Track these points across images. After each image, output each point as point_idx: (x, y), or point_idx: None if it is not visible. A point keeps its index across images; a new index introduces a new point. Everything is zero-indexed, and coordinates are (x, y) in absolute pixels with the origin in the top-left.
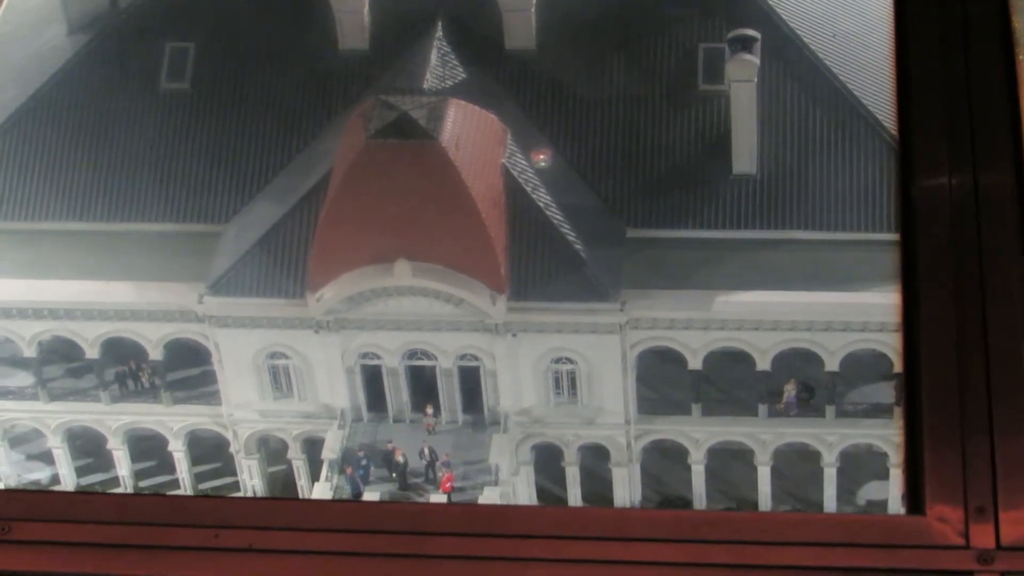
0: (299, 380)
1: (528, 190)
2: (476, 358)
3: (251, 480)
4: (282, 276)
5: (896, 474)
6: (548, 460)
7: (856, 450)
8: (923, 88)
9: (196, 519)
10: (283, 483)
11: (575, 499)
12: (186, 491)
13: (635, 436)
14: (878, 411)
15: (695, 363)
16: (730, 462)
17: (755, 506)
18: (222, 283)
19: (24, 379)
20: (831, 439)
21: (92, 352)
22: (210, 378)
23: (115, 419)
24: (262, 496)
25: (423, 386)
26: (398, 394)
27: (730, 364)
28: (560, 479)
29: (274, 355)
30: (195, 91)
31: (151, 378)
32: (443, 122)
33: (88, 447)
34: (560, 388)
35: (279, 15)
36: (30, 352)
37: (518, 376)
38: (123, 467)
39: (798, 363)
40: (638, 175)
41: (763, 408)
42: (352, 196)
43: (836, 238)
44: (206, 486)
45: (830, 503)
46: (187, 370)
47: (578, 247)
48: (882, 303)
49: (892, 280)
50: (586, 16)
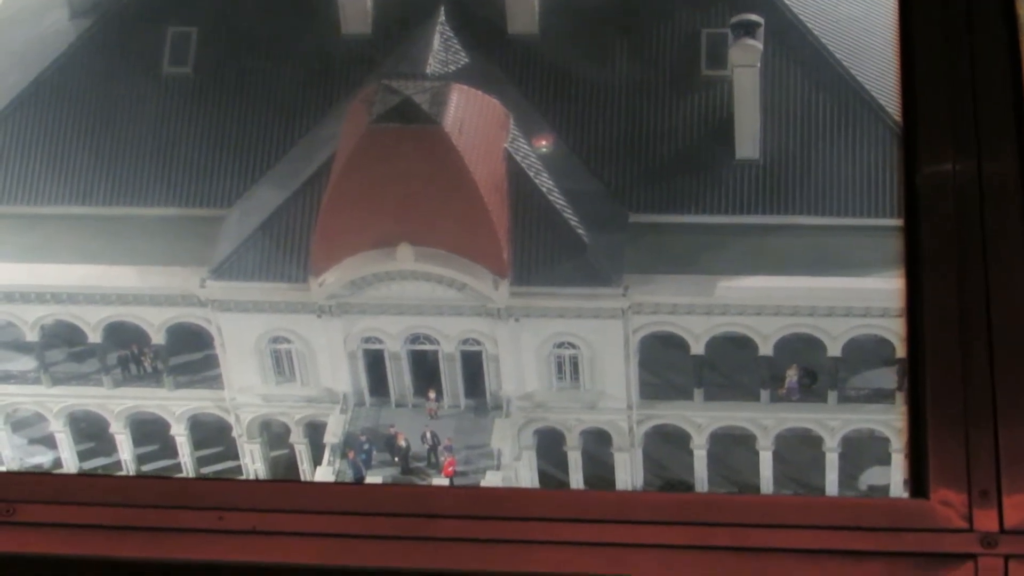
0: (301, 364)
1: (531, 175)
2: (478, 343)
3: (253, 464)
4: (284, 260)
5: (898, 459)
6: (550, 445)
7: (858, 435)
8: (927, 74)
9: (200, 501)
10: (285, 467)
11: (577, 483)
12: (188, 475)
13: (637, 421)
14: (880, 396)
15: (697, 348)
16: (732, 447)
17: (757, 491)
18: (224, 267)
19: (26, 363)
20: (833, 424)
21: (94, 336)
22: (212, 362)
23: (117, 403)
24: (266, 479)
25: (425, 371)
26: (400, 378)
27: (732, 349)
28: (562, 464)
29: (276, 339)
30: (197, 76)
31: (153, 362)
32: (446, 107)
33: (90, 431)
34: (562, 373)
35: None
36: (32, 336)
37: (520, 361)
38: (125, 451)
39: (800, 348)
40: (641, 160)
41: (765, 393)
42: (355, 181)
43: (839, 223)
44: (208, 470)
45: (832, 488)
46: (189, 354)
47: (581, 232)
48: (884, 288)
49: (894, 265)
50: (589, 1)
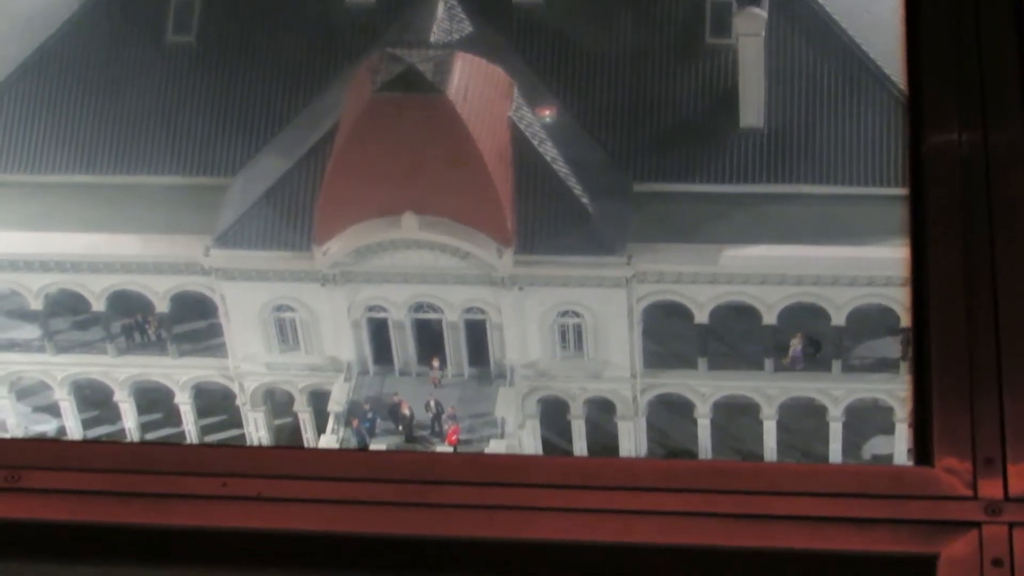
0: (305, 333)
1: (535, 144)
2: (482, 311)
3: (257, 432)
4: (288, 229)
5: (902, 428)
6: (554, 413)
7: (862, 404)
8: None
9: (204, 468)
10: (289, 436)
11: (581, 452)
12: (192, 443)
13: (641, 390)
14: (884, 366)
15: (701, 317)
16: (736, 416)
17: (761, 460)
18: (228, 236)
19: (31, 331)
20: (837, 393)
21: (98, 304)
22: (216, 331)
23: (121, 371)
24: (271, 445)
25: (429, 339)
26: (404, 347)
27: (736, 318)
28: (566, 432)
29: (280, 308)
30: (201, 44)
31: (157, 330)
32: (450, 75)
33: (94, 399)
34: (566, 341)
35: None
36: (37, 305)
37: (524, 329)
38: (129, 419)
39: (804, 317)
40: (645, 129)
41: (769, 362)
42: (359, 149)
43: (843, 192)
44: (212, 438)
45: (835, 457)
46: (193, 323)
47: (584, 201)
48: (888, 257)
49: (898, 235)
50: None
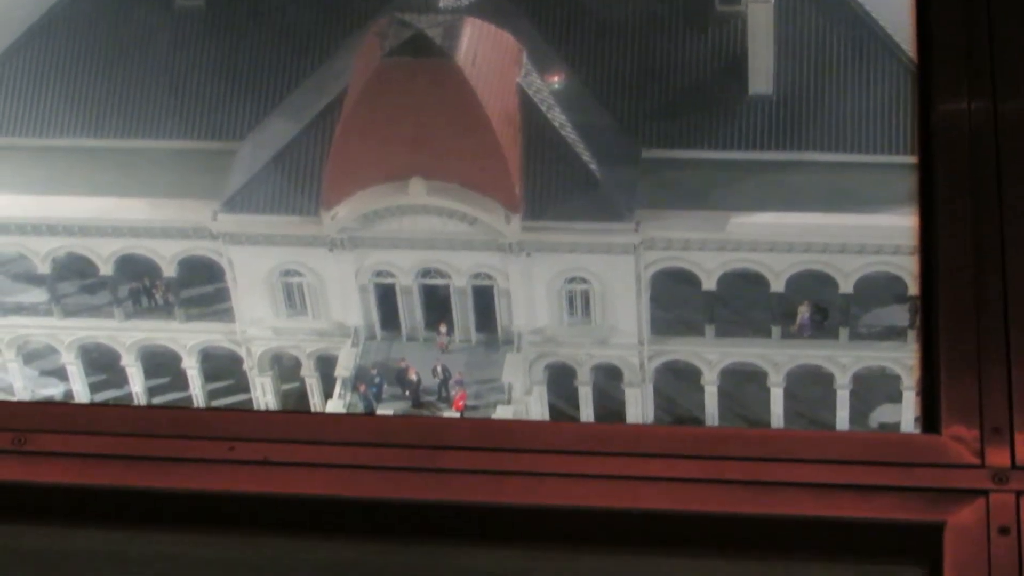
0: (313, 298)
1: (543, 109)
2: (490, 277)
3: (264, 397)
4: (296, 194)
5: (909, 397)
6: (561, 380)
7: (869, 372)
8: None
9: (211, 432)
10: (296, 400)
11: (587, 419)
12: (199, 407)
13: (648, 356)
14: (892, 334)
15: (709, 284)
16: (743, 383)
17: (768, 427)
18: (236, 200)
19: (38, 295)
20: (844, 361)
21: (106, 269)
22: (224, 295)
23: (129, 335)
24: (277, 410)
25: (436, 305)
26: (411, 312)
27: (744, 285)
28: (573, 399)
29: (288, 272)
30: (209, 8)
31: (165, 295)
32: (459, 40)
33: (101, 363)
34: (574, 308)
35: None
36: (44, 268)
37: (532, 295)
38: (136, 383)
39: (812, 285)
40: (654, 95)
41: (777, 330)
42: (367, 114)
43: (852, 160)
44: (219, 403)
45: (843, 425)
46: (201, 287)
47: (593, 167)
48: (897, 225)
49: (907, 203)
50: None
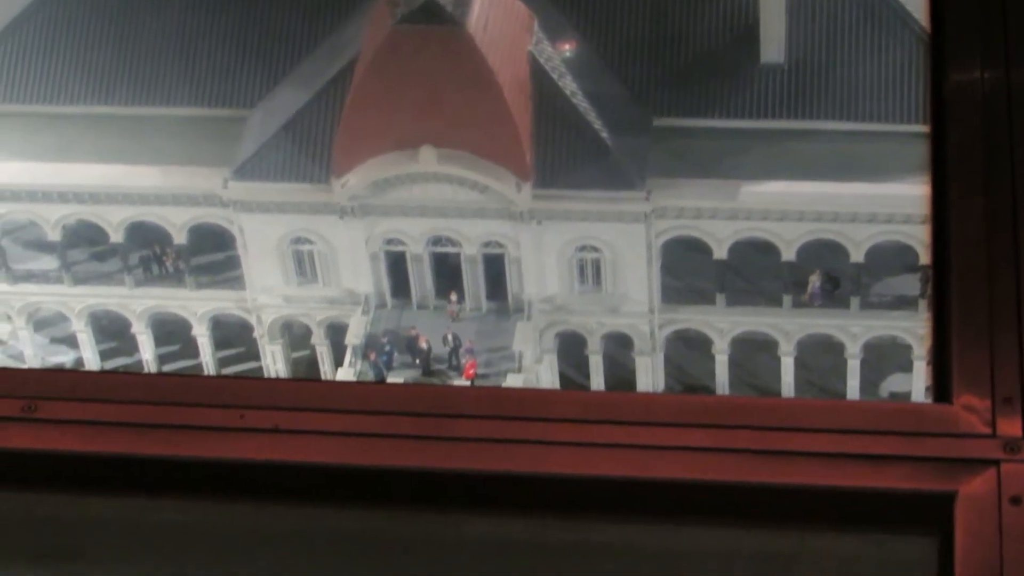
0: (323, 265)
1: (554, 77)
2: (501, 245)
3: (274, 365)
4: (307, 161)
5: (920, 366)
6: (571, 348)
7: (880, 342)
8: None
9: (221, 400)
10: (306, 368)
11: (598, 387)
12: (210, 375)
13: (659, 325)
14: (903, 303)
15: (720, 253)
16: (754, 352)
17: (778, 396)
18: (247, 168)
19: (48, 262)
20: (855, 330)
21: (116, 236)
22: (234, 263)
23: (139, 303)
24: (288, 377)
25: (447, 273)
26: (422, 280)
27: (755, 254)
28: (583, 367)
29: (298, 240)
30: None
31: (175, 262)
32: (470, 8)
33: (112, 330)
34: (584, 276)
35: None
36: (54, 235)
37: (542, 264)
38: (147, 351)
39: (823, 254)
40: (665, 63)
41: (788, 299)
42: (378, 81)
43: (863, 129)
44: (229, 371)
45: (853, 394)
46: (211, 255)
47: (604, 135)
48: (908, 195)
49: (918, 172)
50: None
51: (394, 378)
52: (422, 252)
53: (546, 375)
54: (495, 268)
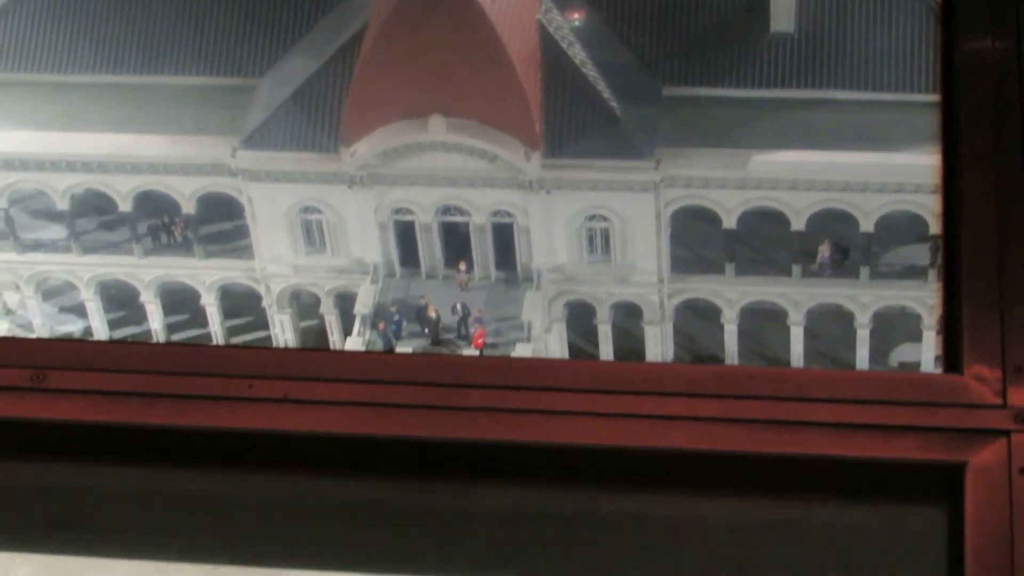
0: (332, 235)
1: (563, 47)
2: (510, 214)
3: (283, 334)
4: (316, 130)
5: (929, 336)
6: (580, 317)
7: (889, 311)
8: None
9: (230, 369)
10: (315, 338)
11: (607, 357)
12: (218, 344)
13: (668, 295)
14: (912, 273)
15: (729, 222)
16: (763, 322)
17: (787, 366)
18: (255, 137)
19: (57, 232)
20: (865, 300)
21: (125, 205)
22: (243, 232)
23: (147, 272)
24: (296, 347)
25: (456, 242)
26: (431, 250)
27: (765, 224)
28: (592, 337)
29: (307, 209)
30: None
31: (184, 231)
32: None
33: (120, 300)
34: (593, 246)
35: None
36: (63, 205)
37: (551, 233)
38: (155, 320)
39: (833, 224)
40: (675, 32)
41: (797, 268)
42: (387, 50)
43: (874, 98)
44: (238, 340)
45: (863, 364)
46: (220, 224)
47: (613, 104)
48: (918, 164)
49: (928, 141)
50: None
51: (403, 348)
52: (431, 221)
53: (555, 345)
54: (504, 237)
